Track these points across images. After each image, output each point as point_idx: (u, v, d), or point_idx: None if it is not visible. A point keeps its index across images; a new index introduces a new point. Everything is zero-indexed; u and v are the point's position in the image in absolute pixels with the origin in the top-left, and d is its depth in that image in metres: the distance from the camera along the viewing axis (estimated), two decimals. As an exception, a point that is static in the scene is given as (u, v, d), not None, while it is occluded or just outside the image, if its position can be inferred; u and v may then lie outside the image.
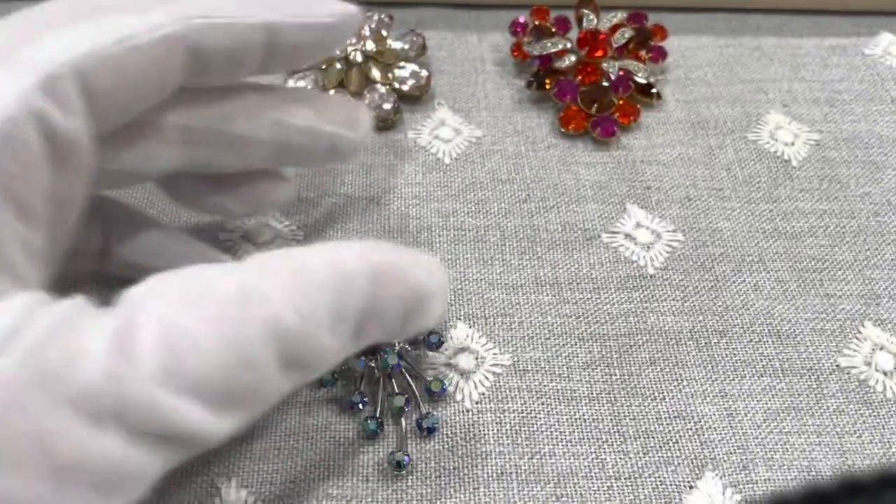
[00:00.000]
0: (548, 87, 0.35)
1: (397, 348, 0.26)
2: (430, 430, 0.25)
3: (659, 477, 0.25)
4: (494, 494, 0.24)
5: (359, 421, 0.26)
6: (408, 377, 0.26)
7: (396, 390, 0.26)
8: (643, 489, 0.25)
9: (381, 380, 0.26)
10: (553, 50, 0.35)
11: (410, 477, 0.25)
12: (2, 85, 0.18)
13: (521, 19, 0.37)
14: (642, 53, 0.36)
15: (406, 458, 0.25)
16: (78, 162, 0.20)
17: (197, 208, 0.27)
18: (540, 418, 0.26)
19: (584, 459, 0.25)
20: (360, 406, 0.26)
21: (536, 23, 0.36)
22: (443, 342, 0.27)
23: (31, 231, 0.19)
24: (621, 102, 0.34)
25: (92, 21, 0.20)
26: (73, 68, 0.19)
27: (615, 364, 0.28)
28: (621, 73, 0.35)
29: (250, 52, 0.22)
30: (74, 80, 0.19)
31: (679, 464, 0.25)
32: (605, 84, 0.34)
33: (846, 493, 0.15)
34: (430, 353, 0.27)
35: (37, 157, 0.18)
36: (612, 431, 0.26)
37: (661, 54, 0.36)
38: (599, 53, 0.35)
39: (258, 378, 0.17)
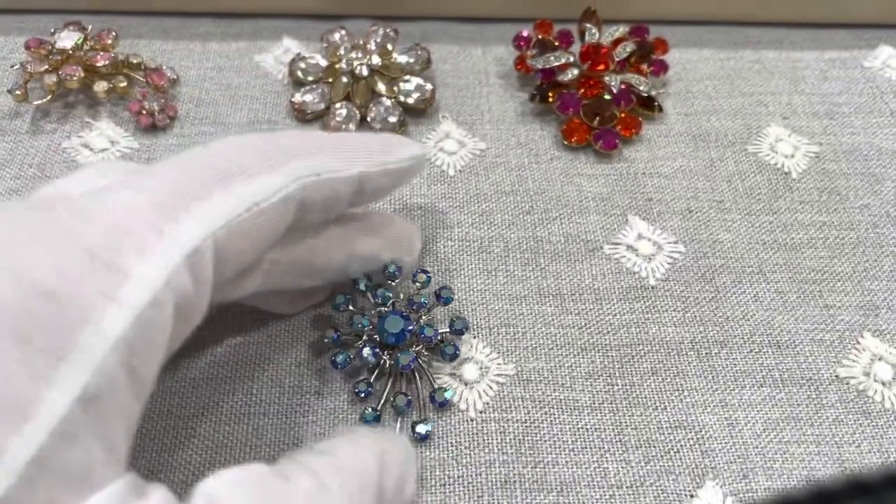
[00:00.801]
0: (551, 100, 0.35)
1: (414, 349, 0.27)
2: (423, 438, 0.26)
3: (660, 486, 0.25)
4: (498, 503, 0.25)
5: (361, 409, 0.27)
6: (417, 380, 0.27)
7: (402, 390, 0.27)
8: (645, 498, 0.25)
9: (392, 376, 0.27)
10: (556, 63, 0.35)
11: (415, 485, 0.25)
12: (152, 267, 0.18)
13: (525, 33, 0.37)
14: (644, 67, 0.36)
15: None
16: (193, 323, 0.20)
17: (249, 303, 0.28)
18: (543, 427, 0.27)
19: (586, 468, 0.26)
20: (364, 395, 0.26)
21: (540, 37, 0.37)
22: (458, 356, 0.27)
23: (139, 405, 0.19)
24: (623, 115, 0.35)
25: (226, 190, 0.21)
26: (212, 242, 0.20)
27: (617, 374, 0.28)
28: (623, 86, 0.35)
29: (344, 199, 0.24)
30: (212, 252, 0.20)
31: (680, 473, 0.26)
32: (607, 97, 0.35)
33: (852, 492, 0.15)
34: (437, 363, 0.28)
35: (167, 334, 0.19)
36: (614, 441, 0.26)
37: (662, 67, 0.36)
38: (601, 67, 0.35)
39: None
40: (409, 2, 0.39)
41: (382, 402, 0.27)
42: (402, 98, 0.35)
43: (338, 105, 0.35)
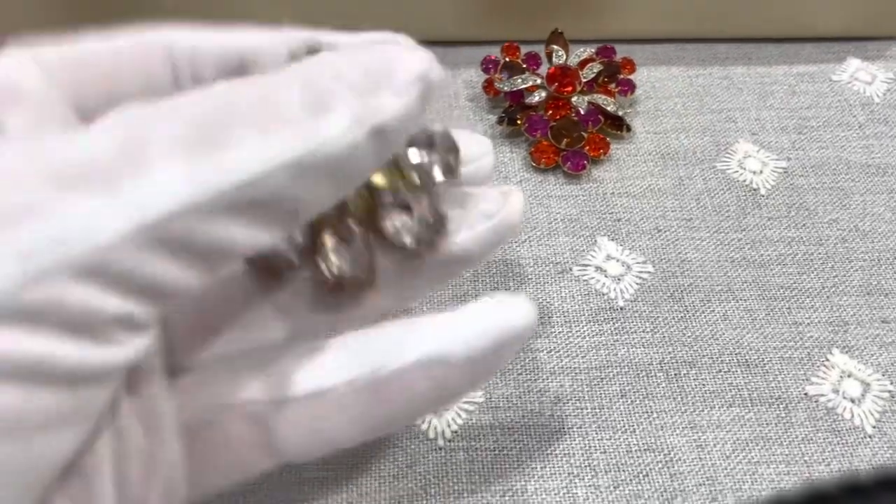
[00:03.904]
0: (519, 123, 0.35)
1: None
2: None
3: (628, 511, 0.25)
4: (466, 532, 0.25)
5: None
6: None
7: None
8: (613, 523, 0.25)
9: None
10: (523, 86, 0.36)
11: (384, 517, 0.25)
12: None
13: (493, 56, 0.37)
14: (612, 87, 0.36)
15: None
16: None
17: None
18: (512, 455, 0.27)
19: (555, 494, 0.26)
20: None
21: (507, 59, 0.37)
22: None
23: None
24: (591, 136, 0.35)
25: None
26: None
27: (586, 398, 0.28)
28: (591, 107, 0.35)
29: None
30: None
31: (649, 497, 0.26)
32: (575, 119, 0.35)
33: (846, 494, 0.15)
34: None
35: None
36: (583, 465, 0.26)
37: (630, 87, 0.37)
38: (569, 89, 0.35)
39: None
40: (375, 25, 0.39)
41: None
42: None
43: None
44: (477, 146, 0.24)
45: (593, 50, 0.37)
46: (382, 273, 0.22)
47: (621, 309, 0.30)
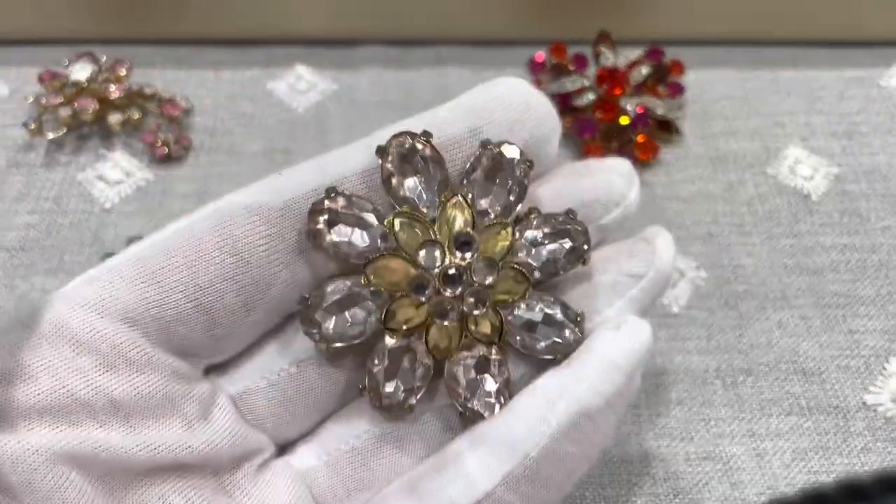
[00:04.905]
0: (567, 125, 0.35)
1: None
2: None
3: (690, 520, 0.25)
4: (527, 540, 0.25)
5: None
6: None
7: None
8: (675, 533, 0.25)
9: None
10: (572, 88, 0.35)
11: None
12: None
13: (540, 57, 0.37)
14: (660, 89, 0.36)
15: None
16: None
17: None
18: (569, 461, 0.26)
19: (614, 502, 0.25)
20: None
21: (554, 61, 0.37)
22: None
23: None
24: (640, 139, 0.34)
25: None
26: None
27: (643, 404, 0.28)
28: (640, 109, 0.35)
29: None
30: None
31: (710, 506, 0.25)
32: (624, 121, 0.35)
33: (846, 495, 0.15)
34: None
35: None
36: (641, 473, 0.26)
37: (678, 90, 0.36)
38: (618, 91, 0.35)
39: None
40: (422, 24, 0.39)
41: None
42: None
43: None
44: (619, 177, 0.22)
45: (642, 52, 0.37)
46: (520, 378, 0.20)
47: (676, 315, 0.30)
